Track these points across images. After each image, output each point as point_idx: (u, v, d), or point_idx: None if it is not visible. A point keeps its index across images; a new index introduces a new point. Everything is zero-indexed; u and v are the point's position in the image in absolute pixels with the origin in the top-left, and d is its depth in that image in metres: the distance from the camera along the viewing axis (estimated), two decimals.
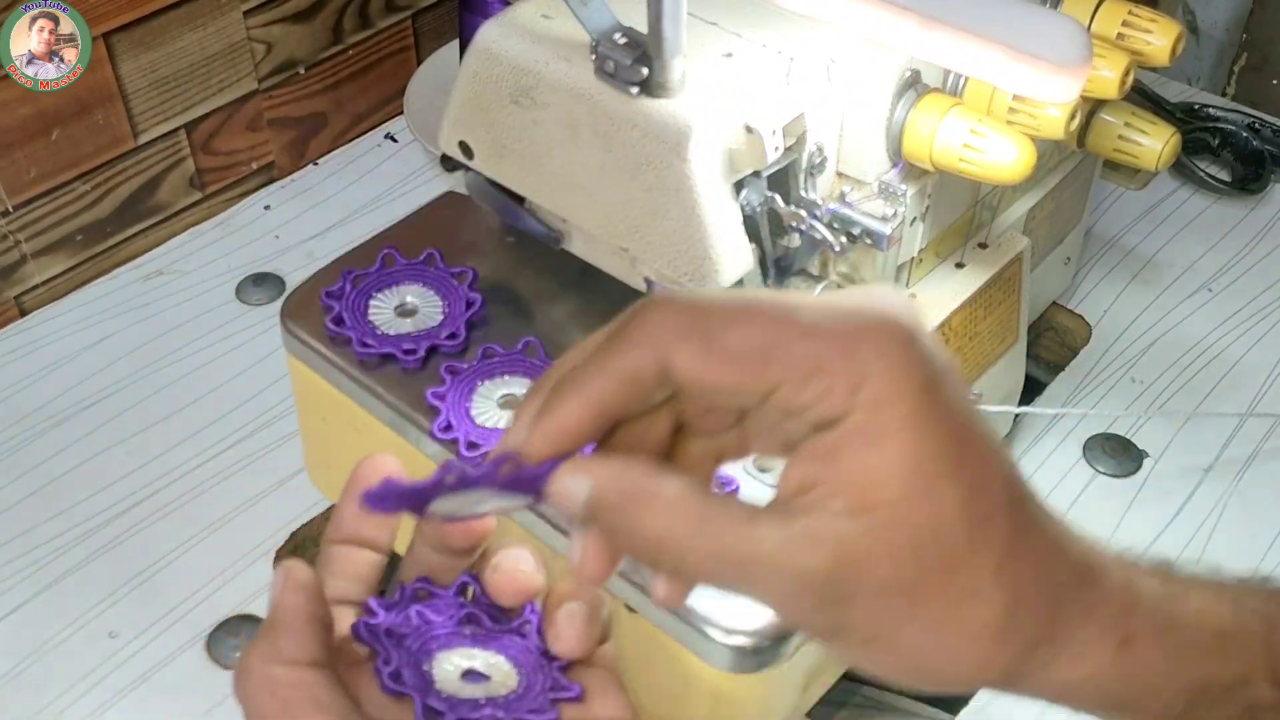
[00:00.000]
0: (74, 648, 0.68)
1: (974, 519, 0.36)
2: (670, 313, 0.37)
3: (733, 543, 0.36)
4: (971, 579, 0.37)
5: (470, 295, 0.64)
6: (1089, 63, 0.47)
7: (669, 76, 0.53)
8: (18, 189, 0.83)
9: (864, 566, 0.36)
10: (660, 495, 0.37)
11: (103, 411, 0.80)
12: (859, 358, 0.36)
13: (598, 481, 0.37)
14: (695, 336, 0.36)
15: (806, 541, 0.36)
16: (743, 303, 0.37)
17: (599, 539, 0.38)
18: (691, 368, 0.37)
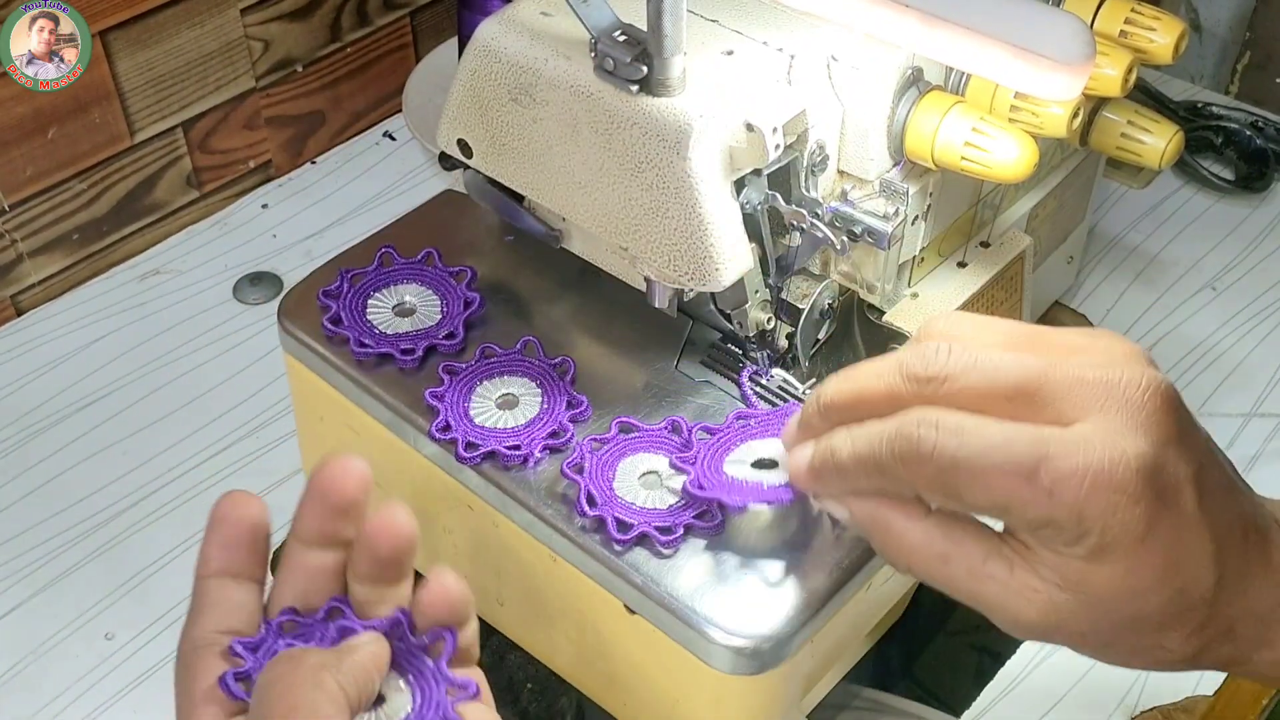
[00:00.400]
0: (71, 649, 0.68)
1: (1173, 613, 0.42)
2: (923, 462, 0.42)
3: (964, 582, 0.44)
4: (1161, 645, 0.43)
5: (468, 295, 0.63)
6: (1092, 60, 0.46)
7: (669, 74, 0.52)
8: (14, 188, 0.82)
9: (1067, 625, 0.43)
10: (907, 539, 0.44)
11: (99, 411, 0.80)
12: (1086, 515, 0.40)
13: (854, 514, 0.46)
14: (942, 490, 0.42)
15: (1024, 595, 0.43)
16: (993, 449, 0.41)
17: None
18: (939, 503, 0.44)
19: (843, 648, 0.61)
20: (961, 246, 0.67)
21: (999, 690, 0.66)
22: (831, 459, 0.45)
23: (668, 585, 0.53)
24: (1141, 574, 0.41)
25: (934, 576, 0.44)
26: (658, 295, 0.58)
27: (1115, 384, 0.41)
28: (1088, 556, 0.41)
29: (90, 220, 0.87)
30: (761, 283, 0.58)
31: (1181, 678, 0.66)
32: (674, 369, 0.62)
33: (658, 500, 0.55)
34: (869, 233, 0.57)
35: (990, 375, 0.42)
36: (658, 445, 0.57)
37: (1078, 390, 0.41)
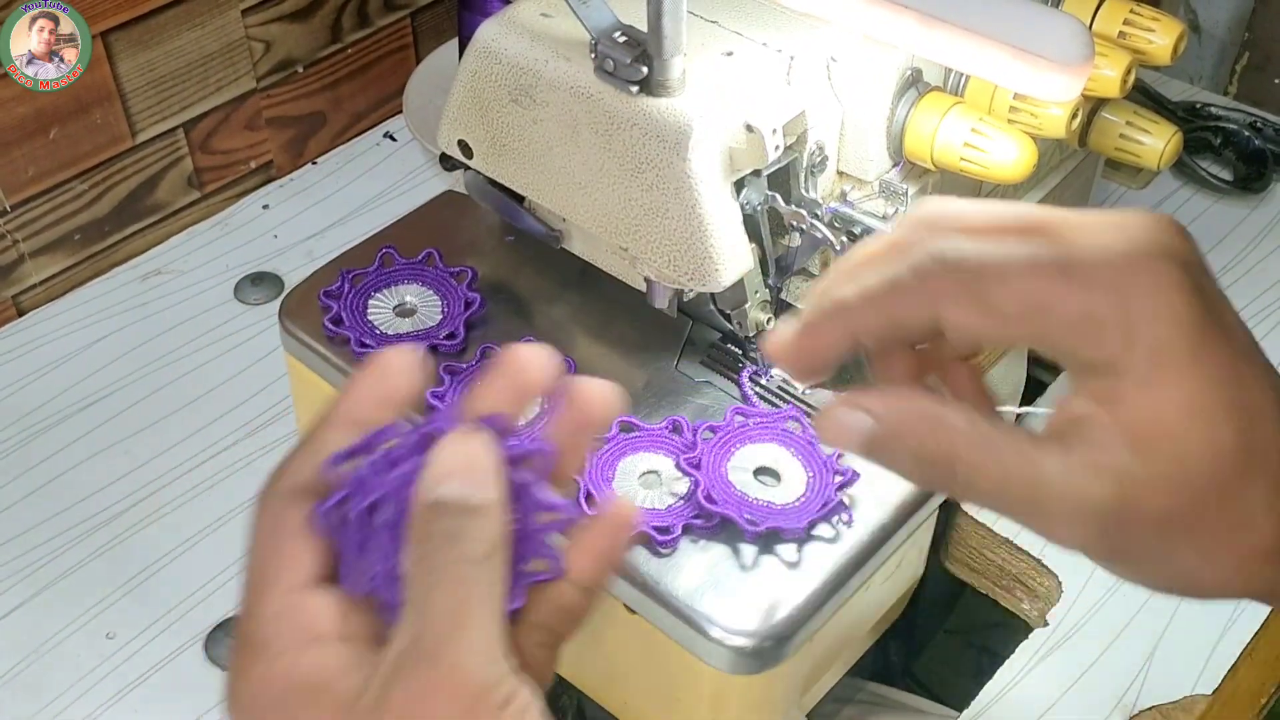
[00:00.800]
0: (72, 649, 0.68)
1: (1249, 450, 0.39)
2: (945, 271, 0.39)
3: (1019, 465, 0.39)
4: (1245, 508, 0.39)
5: (469, 295, 0.63)
6: (1091, 61, 0.46)
7: (669, 75, 0.53)
8: (15, 188, 0.82)
9: (1143, 498, 0.38)
10: (948, 420, 0.39)
11: (101, 411, 0.80)
12: (1133, 306, 0.37)
13: (883, 414, 0.40)
14: (968, 297, 0.39)
15: (1090, 471, 0.38)
16: (1016, 255, 0.38)
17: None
18: (965, 323, 0.39)
19: (842, 647, 0.61)
20: None
21: (998, 689, 0.66)
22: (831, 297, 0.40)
23: (667, 585, 0.53)
24: (1208, 392, 0.38)
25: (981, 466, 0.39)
26: (658, 295, 0.58)
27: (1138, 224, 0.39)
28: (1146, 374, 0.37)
29: (92, 220, 0.87)
30: (761, 283, 0.58)
31: (1180, 677, 0.66)
32: (674, 369, 0.62)
33: (656, 500, 0.55)
34: (868, 233, 0.57)
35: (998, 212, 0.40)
36: (658, 445, 0.57)
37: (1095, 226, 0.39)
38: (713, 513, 0.54)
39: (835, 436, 0.41)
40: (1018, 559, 0.70)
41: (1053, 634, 0.68)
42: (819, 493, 0.55)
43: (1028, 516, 0.40)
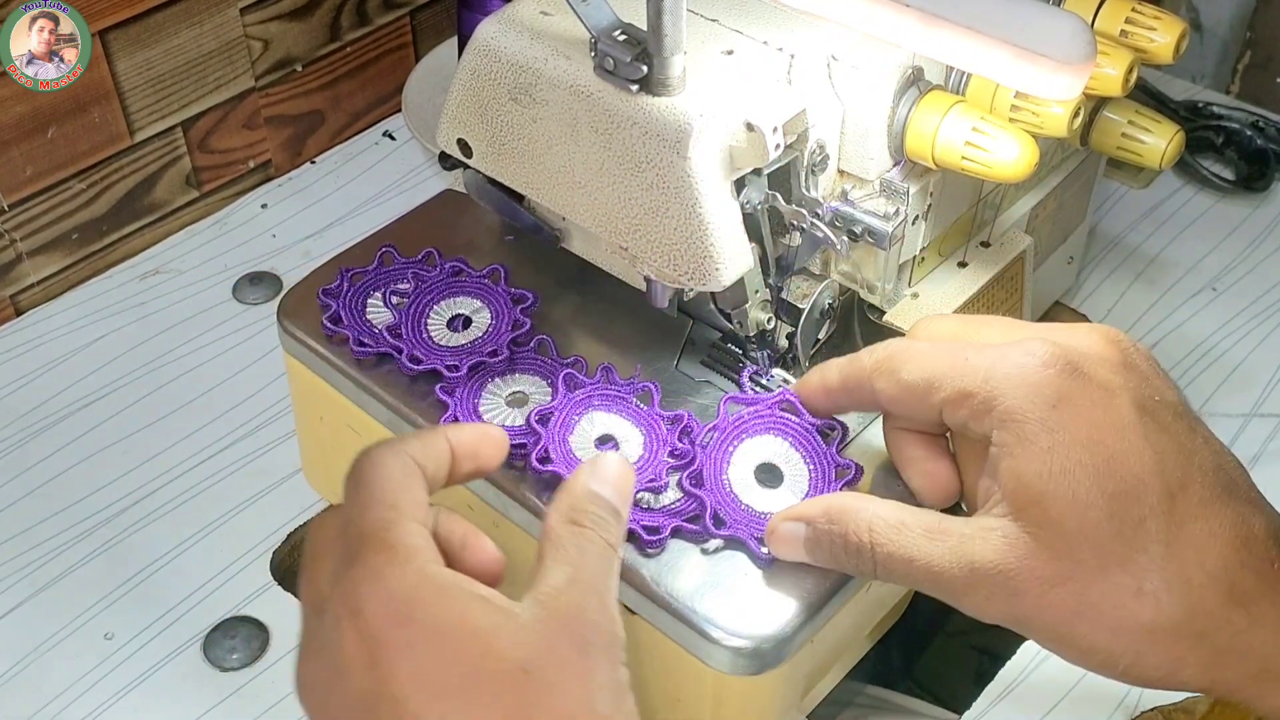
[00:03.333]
0: (70, 649, 0.68)
1: (1127, 521, 0.41)
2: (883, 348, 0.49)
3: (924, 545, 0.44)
4: (1136, 579, 0.41)
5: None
6: (1092, 60, 0.46)
7: (669, 74, 0.52)
8: (13, 187, 0.82)
9: (1027, 564, 0.42)
10: (866, 511, 0.46)
11: (99, 411, 0.79)
12: (993, 381, 0.44)
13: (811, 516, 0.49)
14: (886, 369, 0.48)
15: (977, 538, 0.43)
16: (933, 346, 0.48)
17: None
18: (884, 390, 0.48)
19: (843, 648, 0.61)
20: (962, 246, 0.67)
21: (999, 691, 0.66)
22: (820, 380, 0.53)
23: (667, 585, 0.53)
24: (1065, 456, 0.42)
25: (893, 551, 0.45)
26: (658, 295, 0.58)
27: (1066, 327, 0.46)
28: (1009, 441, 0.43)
29: (90, 220, 0.87)
30: (761, 283, 0.58)
31: None
32: (674, 369, 0.62)
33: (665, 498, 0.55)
34: (869, 233, 0.57)
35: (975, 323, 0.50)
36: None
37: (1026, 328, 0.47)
38: (721, 536, 0.54)
39: (781, 547, 0.51)
40: None
41: None
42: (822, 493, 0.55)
43: (935, 589, 0.45)
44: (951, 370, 0.46)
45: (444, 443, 0.48)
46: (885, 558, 0.46)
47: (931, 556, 0.44)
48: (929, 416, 0.48)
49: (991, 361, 0.44)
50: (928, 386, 0.46)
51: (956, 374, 0.45)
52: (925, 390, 0.46)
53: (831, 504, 0.48)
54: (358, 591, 0.41)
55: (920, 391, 0.47)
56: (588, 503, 0.46)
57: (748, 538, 0.54)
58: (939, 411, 0.46)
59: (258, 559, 0.72)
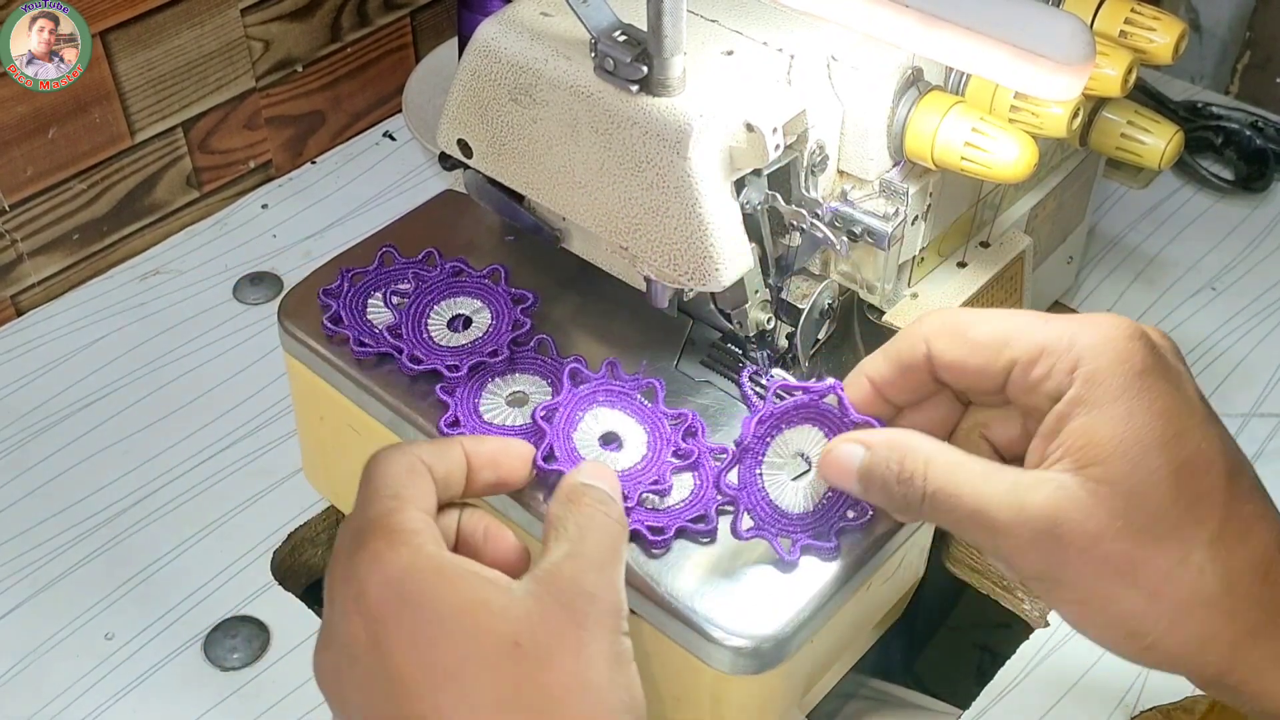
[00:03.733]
0: (71, 649, 0.68)
1: (1187, 493, 0.42)
2: (936, 316, 0.49)
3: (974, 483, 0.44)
4: (1185, 549, 0.42)
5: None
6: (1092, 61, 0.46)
7: (669, 74, 0.52)
8: (14, 188, 0.82)
9: (1079, 516, 0.42)
10: (924, 446, 0.46)
11: (99, 411, 0.80)
12: (1078, 343, 0.44)
13: (873, 441, 0.48)
14: (950, 329, 0.48)
15: (1032, 485, 0.43)
16: (996, 310, 0.48)
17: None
18: (946, 351, 0.48)
19: (843, 647, 0.61)
20: (961, 246, 0.67)
21: (999, 689, 0.66)
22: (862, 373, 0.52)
23: (668, 585, 0.53)
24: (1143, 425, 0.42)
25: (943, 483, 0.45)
26: (658, 295, 0.58)
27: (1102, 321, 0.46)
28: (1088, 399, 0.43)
29: (90, 220, 0.87)
30: (761, 283, 0.58)
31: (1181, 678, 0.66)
32: (674, 369, 0.62)
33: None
34: (869, 233, 0.57)
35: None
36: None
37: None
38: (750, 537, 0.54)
39: (834, 470, 0.50)
40: None
41: (1054, 635, 0.68)
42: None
43: (977, 529, 0.44)
44: (1029, 328, 0.46)
45: (458, 449, 0.49)
46: (936, 490, 0.45)
47: (982, 495, 0.44)
48: (989, 376, 0.47)
49: (1076, 326, 0.45)
50: (1001, 343, 0.46)
51: (1035, 332, 0.46)
52: (998, 346, 0.46)
53: (893, 434, 0.48)
54: (359, 575, 0.43)
55: (992, 348, 0.46)
56: (581, 491, 0.48)
57: (773, 540, 0.54)
58: (1006, 371, 0.46)
59: (258, 559, 0.72)
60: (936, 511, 0.46)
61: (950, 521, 0.46)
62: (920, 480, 0.46)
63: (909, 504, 0.47)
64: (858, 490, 0.49)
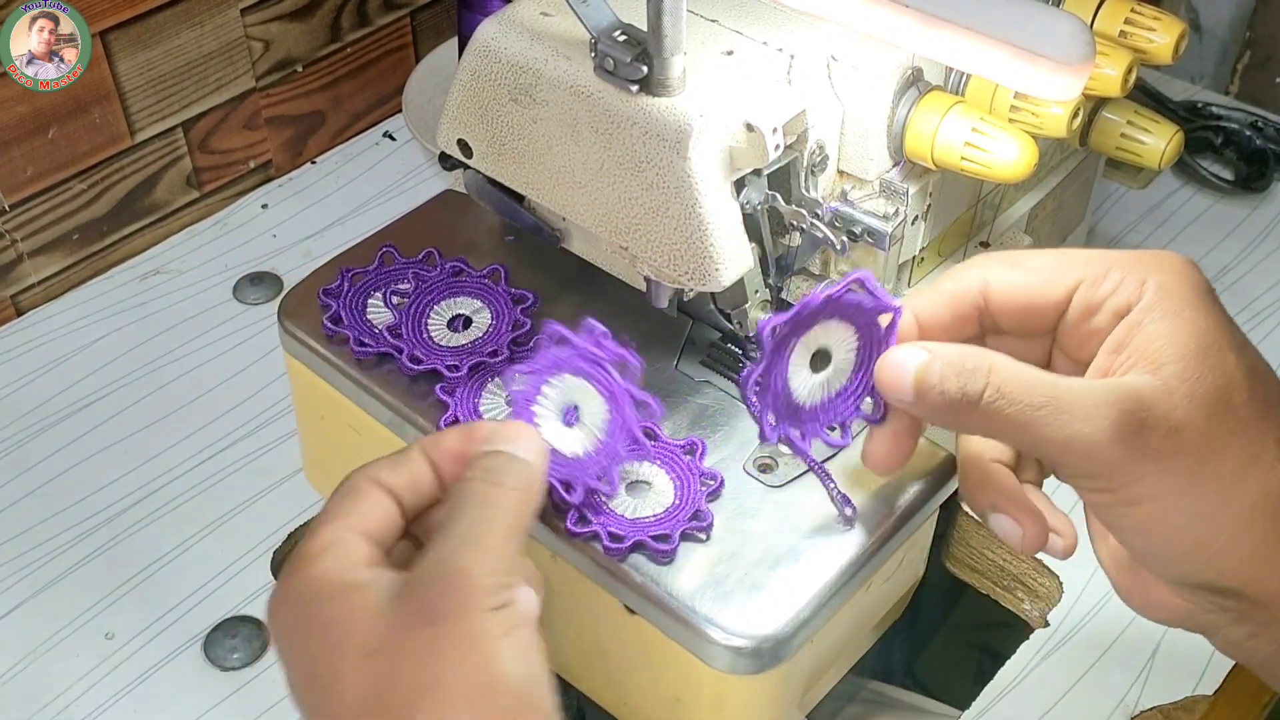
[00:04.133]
0: (71, 649, 0.68)
1: (1259, 394, 0.43)
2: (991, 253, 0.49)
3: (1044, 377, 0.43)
4: (1258, 446, 0.43)
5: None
6: (1091, 61, 0.46)
7: (669, 74, 0.52)
8: (14, 188, 0.82)
9: (1159, 407, 0.42)
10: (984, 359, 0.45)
11: (99, 411, 0.80)
12: (1143, 263, 0.45)
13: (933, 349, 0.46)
14: (1008, 263, 0.48)
15: (1108, 386, 0.43)
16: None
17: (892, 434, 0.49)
18: (1004, 279, 0.47)
19: (843, 647, 0.61)
20: (961, 247, 0.67)
21: (999, 689, 0.66)
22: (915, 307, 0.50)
23: (667, 585, 0.53)
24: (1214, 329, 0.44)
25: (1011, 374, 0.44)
26: (658, 295, 0.58)
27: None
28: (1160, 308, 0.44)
29: (90, 220, 0.87)
30: (761, 283, 0.58)
31: (1182, 677, 0.66)
32: (674, 369, 0.62)
33: (645, 509, 0.55)
34: (869, 233, 0.57)
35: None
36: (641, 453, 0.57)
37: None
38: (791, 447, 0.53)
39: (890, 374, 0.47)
40: (1019, 559, 0.70)
41: (1054, 634, 0.68)
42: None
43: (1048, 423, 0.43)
44: (1090, 255, 0.47)
45: (414, 453, 0.49)
46: (1003, 381, 0.44)
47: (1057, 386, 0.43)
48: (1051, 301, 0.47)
49: (1134, 253, 0.46)
50: (1064, 266, 0.47)
51: (1098, 257, 0.46)
52: (1061, 269, 0.47)
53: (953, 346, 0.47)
54: (271, 602, 0.45)
55: (1055, 271, 0.47)
56: (475, 461, 0.47)
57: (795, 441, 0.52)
58: (1070, 292, 0.46)
59: (258, 559, 0.72)
60: (1001, 405, 0.44)
61: (1014, 418, 0.44)
62: (985, 373, 0.44)
63: (967, 399, 0.44)
64: (910, 396, 0.46)
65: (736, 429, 0.59)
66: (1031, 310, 0.48)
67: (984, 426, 0.45)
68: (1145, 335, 0.44)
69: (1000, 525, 0.49)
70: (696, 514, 0.55)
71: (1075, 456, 0.43)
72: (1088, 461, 0.43)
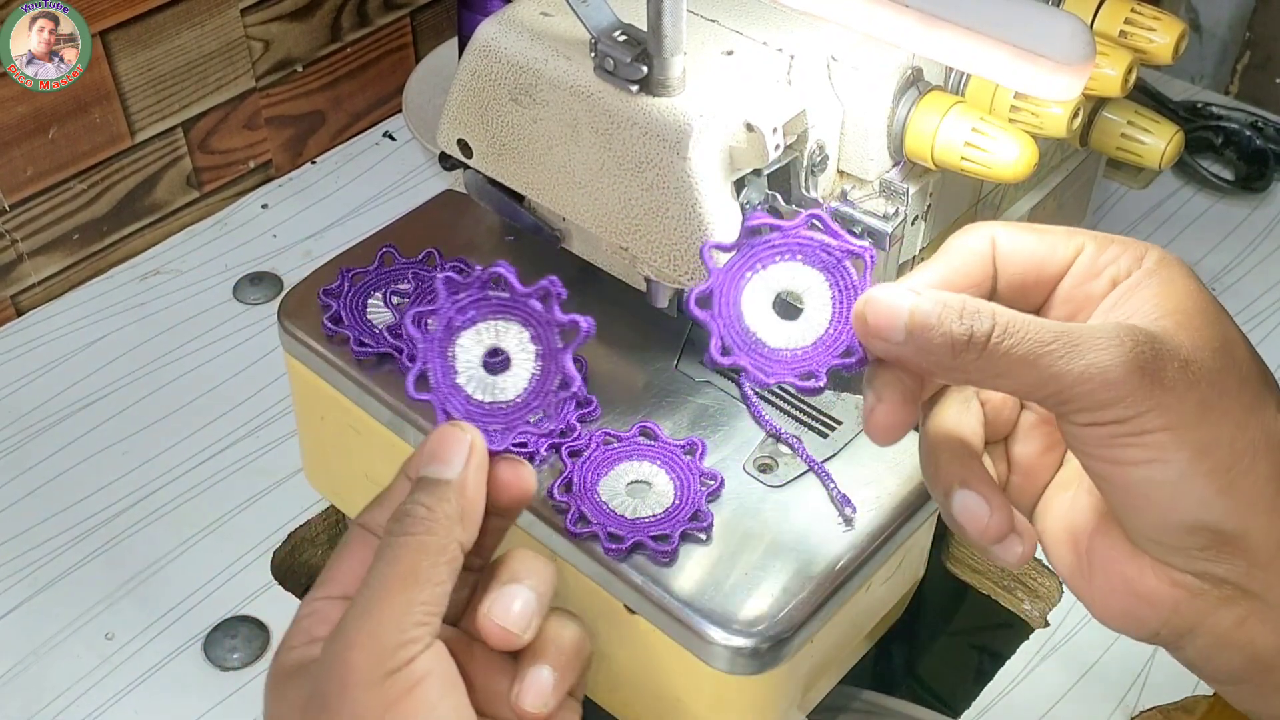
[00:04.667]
0: (71, 649, 0.68)
1: (1254, 356, 0.45)
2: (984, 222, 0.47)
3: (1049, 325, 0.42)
4: (1259, 397, 0.43)
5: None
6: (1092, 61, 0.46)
7: (669, 74, 0.52)
8: (14, 188, 0.82)
9: (1174, 341, 0.43)
10: (988, 304, 0.43)
11: (99, 411, 0.80)
12: (1143, 245, 0.46)
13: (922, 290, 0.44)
14: (1017, 228, 0.47)
15: (1115, 324, 0.43)
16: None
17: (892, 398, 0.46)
18: (1013, 239, 0.47)
19: (843, 648, 0.61)
20: None
21: (999, 690, 0.66)
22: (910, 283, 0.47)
23: (667, 586, 0.53)
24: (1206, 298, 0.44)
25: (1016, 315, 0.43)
26: (658, 295, 0.58)
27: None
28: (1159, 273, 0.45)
29: (90, 220, 0.87)
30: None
31: (1181, 677, 0.66)
32: (674, 369, 0.62)
33: (646, 509, 0.55)
34: (869, 233, 0.57)
35: None
36: (642, 453, 0.57)
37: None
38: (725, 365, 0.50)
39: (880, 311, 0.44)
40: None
41: (1054, 635, 0.68)
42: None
43: (1060, 351, 0.42)
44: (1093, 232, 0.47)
45: (401, 485, 0.47)
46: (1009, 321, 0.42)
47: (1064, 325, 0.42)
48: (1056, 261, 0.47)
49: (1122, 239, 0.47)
50: (1069, 234, 0.47)
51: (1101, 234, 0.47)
52: (1067, 235, 0.47)
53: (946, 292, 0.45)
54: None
55: (1062, 237, 0.47)
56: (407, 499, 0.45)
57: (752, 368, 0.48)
58: (1074, 256, 0.46)
59: (258, 559, 0.72)
60: (1011, 344, 0.42)
61: (1025, 355, 0.42)
62: (989, 316, 0.42)
63: (974, 340, 0.42)
64: (900, 336, 0.44)
65: (736, 429, 0.59)
66: (1038, 270, 0.47)
67: (986, 369, 0.43)
68: (1143, 294, 0.45)
69: (966, 504, 0.46)
70: (696, 514, 0.55)
71: (1092, 385, 0.42)
72: (1106, 389, 0.42)
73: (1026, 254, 0.47)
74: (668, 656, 0.54)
